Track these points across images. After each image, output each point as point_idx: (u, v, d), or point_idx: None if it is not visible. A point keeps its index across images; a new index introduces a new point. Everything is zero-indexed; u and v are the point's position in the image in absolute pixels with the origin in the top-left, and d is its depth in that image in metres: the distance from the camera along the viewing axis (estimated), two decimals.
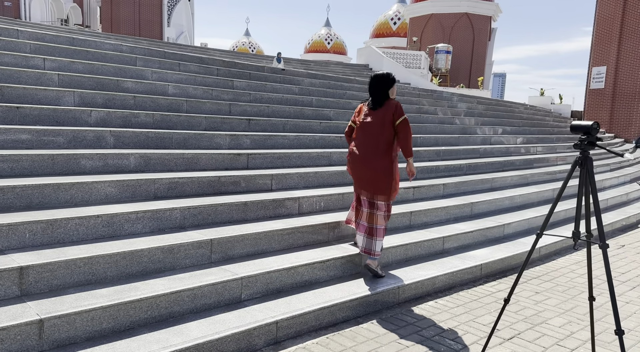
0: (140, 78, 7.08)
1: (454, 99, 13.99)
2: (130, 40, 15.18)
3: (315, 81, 10.71)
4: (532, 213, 6.56)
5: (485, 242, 5.54)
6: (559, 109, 19.78)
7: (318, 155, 6.36)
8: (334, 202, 5.24)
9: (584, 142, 2.64)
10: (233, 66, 9.47)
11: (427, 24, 33.66)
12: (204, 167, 5.18)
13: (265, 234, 4.14)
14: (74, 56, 6.92)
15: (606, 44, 19.17)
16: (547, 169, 9.07)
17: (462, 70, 32.49)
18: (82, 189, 3.91)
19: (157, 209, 3.91)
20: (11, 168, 3.95)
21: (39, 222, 3.29)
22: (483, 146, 9.57)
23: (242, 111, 7.25)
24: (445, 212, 5.79)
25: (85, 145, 4.76)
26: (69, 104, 5.48)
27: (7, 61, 5.93)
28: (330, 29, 56.95)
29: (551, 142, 12.30)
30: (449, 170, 7.50)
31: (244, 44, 59.05)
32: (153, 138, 5.28)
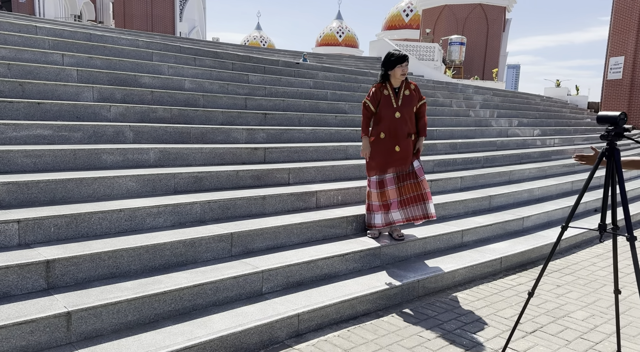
0: (157, 73, 7.12)
1: (469, 91, 13.84)
2: (144, 35, 15.27)
3: (330, 75, 10.67)
4: (552, 206, 6.48)
5: (505, 236, 5.49)
6: (576, 100, 19.46)
7: (334, 149, 6.35)
8: (352, 196, 5.23)
9: (610, 134, 2.59)
10: (248, 60, 9.48)
11: (440, 15, 33.28)
12: (222, 162, 5.21)
13: (284, 227, 4.16)
14: (91, 52, 6.98)
15: (624, 34, 18.78)
16: (565, 162, 8.95)
17: (476, 61, 32.11)
18: (104, 184, 3.95)
19: (177, 203, 3.94)
20: (34, 163, 4.00)
21: (63, 217, 3.34)
22: (500, 138, 9.47)
23: (258, 105, 7.26)
24: (464, 206, 5.75)
25: (106, 140, 4.81)
26: (88, 99, 5.53)
27: (27, 57, 6.00)
28: (341, 22, 56.62)
29: (569, 134, 12.13)
30: (465, 163, 7.44)
31: (255, 38, 59.00)
32: (171, 133, 5.31)
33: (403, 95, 4.29)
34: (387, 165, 4.33)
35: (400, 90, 4.30)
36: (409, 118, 4.30)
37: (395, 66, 4.21)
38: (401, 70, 4.21)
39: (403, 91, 4.30)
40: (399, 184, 4.38)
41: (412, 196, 4.37)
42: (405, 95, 4.29)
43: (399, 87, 4.31)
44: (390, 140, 4.28)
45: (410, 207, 4.39)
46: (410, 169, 4.36)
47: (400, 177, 4.38)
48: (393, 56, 4.22)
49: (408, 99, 4.29)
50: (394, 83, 4.30)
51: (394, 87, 4.31)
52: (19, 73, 5.48)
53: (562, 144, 10.86)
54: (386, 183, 4.39)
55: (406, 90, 4.30)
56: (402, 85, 4.31)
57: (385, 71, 4.30)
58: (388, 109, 4.27)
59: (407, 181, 4.37)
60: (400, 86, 4.31)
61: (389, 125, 4.28)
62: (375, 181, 4.43)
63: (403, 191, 4.39)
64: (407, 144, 4.30)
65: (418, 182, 4.36)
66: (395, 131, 4.27)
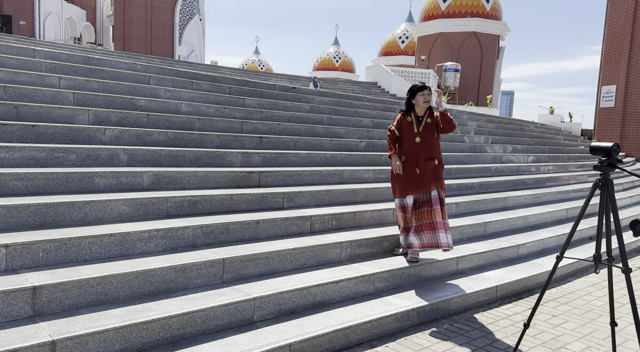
0: (153, 96, 7.15)
1: (464, 117, 13.96)
2: (143, 58, 15.42)
3: (326, 99, 10.76)
4: (546, 233, 6.46)
5: (500, 263, 5.45)
6: (569, 127, 19.68)
7: (329, 173, 6.35)
8: (346, 221, 5.20)
9: (604, 164, 2.60)
10: (245, 84, 9.55)
11: (435, 42, 33.89)
12: (216, 185, 5.18)
13: (277, 253, 4.11)
14: (88, 75, 7.01)
15: (615, 63, 19.13)
16: (559, 188, 8.98)
17: (470, 88, 32.55)
18: (96, 208, 3.91)
19: (169, 228, 3.90)
20: (26, 186, 3.96)
21: (52, 241, 3.29)
22: (494, 165, 9.51)
23: (254, 129, 7.28)
24: (459, 232, 5.72)
25: (99, 163, 4.78)
26: (83, 122, 5.53)
27: (23, 80, 6.01)
28: (338, 48, 57.50)
29: (563, 161, 12.21)
30: (460, 189, 7.44)
31: (253, 61, 59.73)
32: (166, 156, 5.30)
33: (425, 122, 4.59)
34: (407, 186, 4.58)
35: (423, 118, 4.60)
36: (430, 143, 4.55)
37: (416, 94, 4.55)
38: (423, 98, 4.54)
39: (426, 119, 4.59)
40: (417, 210, 4.59)
41: (425, 224, 4.56)
42: (427, 122, 4.59)
43: (422, 116, 4.60)
44: (411, 163, 4.56)
45: (424, 234, 4.56)
46: (427, 197, 4.54)
47: (417, 204, 4.59)
48: (415, 86, 4.61)
49: (429, 126, 4.58)
50: (418, 112, 4.62)
51: (418, 115, 4.62)
52: (15, 95, 5.48)
53: (557, 171, 10.91)
54: (407, 209, 4.63)
55: (429, 119, 4.59)
56: (425, 113, 4.61)
57: (409, 98, 4.63)
58: (409, 134, 4.58)
59: (423, 208, 4.57)
60: (424, 115, 4.61)
61: (409, 149, 4.58)
62: (398, 205, 4.71)
63: (419, 217, 4.59)
64: (427, 166, 4.53)
65: (432, 211, 4.52)
66: (416, 154, 4.54)
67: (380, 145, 8.35)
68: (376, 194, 6.18)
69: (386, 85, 22.84)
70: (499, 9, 34.28)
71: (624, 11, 18.82)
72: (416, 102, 4.57)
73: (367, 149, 8.21)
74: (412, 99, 4.61)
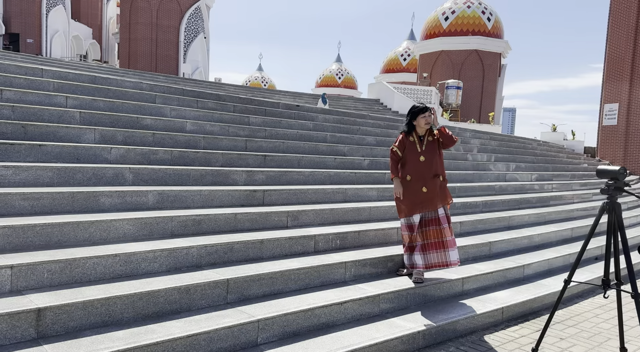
0: (159, 115, 7.20)
1: (467, 135, 14.00)
2: (148, 76, 15.58)
3: (329, 117, 10.82)
4: (552, 253, 6.42)
5: (505, 284, 5.41)
6: (572, 145, 19.69)
7: (333, 191, 6.35)
8: (350, 240, 5.18)
9: (611, 188, 2.60)
10: (249, 103, 9.62)
11: (437, 60, 34.19)
12: (221, 204, 5.18)
13: (282, 273, 4.09)
14: (95, 94, 7.09)
15: (617, 82, 19.23)
16: (563, 207, 8.95)
17: (472, 105, 32.72)
18: (101, 227, 3.91)
19: (174, 248, 3.89)
20: (32, 206, 3.97)
21: (57, 262, 3.28)
22: (498, 183, 9.49)
23: (258, 147, 7.31)
24: (464, 252, 5.68)
25: (105, 182, 4.80)
26: (89, 141, 5.57)
27: (31, 100, 6.08)
28: (341, 65, 58.03)
29: (566, 179, 12.18)
30: (464, 208, 7.42)
31: (256, 78, 60.26)
32: (171, 175, 5.32)
33: (427, 141, 4.65)
34: (414, 206, 4.59)
35: (424, 137, 4.67)
36: (433, 161, 4.61)
37: (418, 116, 4.61)
38: (424, 120, 4.59)
39: (427, 138, 4.66)
40: (423, 229, 4.61)
41: (433, 242, 4.58)
42: (429, 141, 4.65)
43: (423, 135, 4.68)
44: (417, 182, 4.58)
45: (430, 254, 4.57)
46: (434, 214, 4.58)
47: (424, 222, 4.61)
48: (416, 108, 4.65)
49: (431, 144, 4.65)
50: (419, 131, 4.67)
51: (419, 135, 4.68)
52: (23, 115, 5.54)
53: (560, 189, 10.88)
54: (414, 228, 4.63)
55: (429, 137, 4.66)
56: (426, 133, 4.68)
57: (409, 121, 4.67)
58: (413, 154, 4.63)
59: (431, 227, 4.59)
60: (425, 134, 4.68)
61: (414, 168, 4.62)
62: (404, 224, 4.71)
63: (426, 235, 4.61)
64: (434, 184, 4.57)
65: (440, 229, 4.57)
66: (421, 173, 4.58)
67: (384, 163, 8.36)
68: (380, 213, 6.17)
69: (389, 103, 22.96)
70: (500, 28, 34.66)
71: (625, 30, 18.99)
72: (417, 124, 4.64)
73: (370, 167, 8.22)
74: (413, 120, 4.65)
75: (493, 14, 34.30)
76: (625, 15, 19.00)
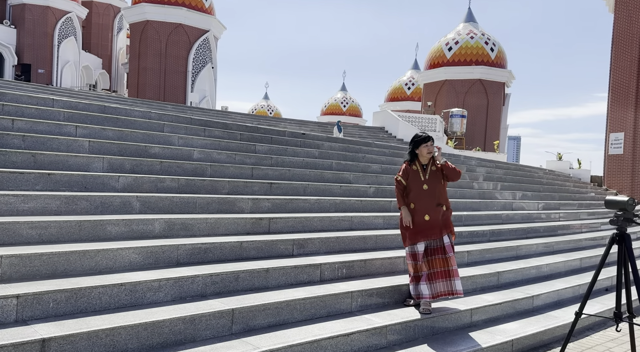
0: (167, 144, 7.29)
1: (472, 163, 14.01)
2: (156, 105, 15.83)
3: (335, 145, 10.89)
4: (561, 284, 6.32)
5: (515, 315, 5.31)
6: (578, 174, 19.63)
7: (339, 219, 6.33)
8: (356, 269, 5.14)
9: (620, 219, 2.58)
10: (255, 131, 9.72)
11: (441, 89, 34.56)
12: (227, 232, 5.18)
13: (287, 303, 4.05)
14: (104, 123, 7.20)
15: (622, 111, 19.29)
16: (571, 237, 8.86)
17: (477, 133, 32.86)
18: (107, 256, 3.91)
19: (179, 277, 3.88)
20: (39, 235, 3.99)
21: (63, 291, 3.27)
22: (505, 212, 9.44)
23: (264, 175, 7.35)
24: (472, 282, 5.61)
25: (112, 210, 4.82)
26: (98, 169, 5.63)
27: (41, 129, 6.17)
28: (346, 93, 58.72)
29: (573, 208, 12.10)
30: (471, 237, 7.36)
31: (262, 107, 60.99)
32: (177, 203, 5.34)
33: (430, 170, 4.69)
34: (418, 234, 4.60)
35: (428, 166, 4.71)
36: (437, 190, 4.65)
37: (420, 145, 4.66)
38: (427, 149, 4.65)
39: (430, 167, 4.70)
40: (429, 258, 4.61)
41: (439, 271, 4.58)
42: (432, 170, 4.70)
43: (426, 164, 4.72)
44: (420, 210, 4.61)
45: (436, 283, 4.56)
46: (440, 243, 4.60)
47: (429, 251, 4.61)
48: (418, 137, 4.71)
49: (435, 174, 4.68)
50: (422, 160, 4.72)
51: (422, 164, 4.72)
52: (33, 144, 5.62)
53: (568, 218, 10.79)
54: (418, 257, 4.62)
55: (433, 166, 4.71)
56: (429, 162, 4.72)
57: (412, 149, 4.73)
58: (416, 182, 4.66)
59: (436, 256, 4.60)
60: (428, 163, 4.72)
61: (417, 197, 4.65)
62: (409, 253, 4.69)
63: (432, 264, 4.60)
64: (437, 212, 4.60)
65: (446, 258, 4.58)
66: (424, 202, 4.61)
67: (389, 191, 8.36)
68: (386, 241, 6.14)
69: (393, 130, 23.13)
70: (503, 58, 35.12)
71: (629, 59, 19.18)
72: (420, 153, 4.70)
73: (376, 194, 8.22)
74: (416, 149, 4.71)
75: (496, 44, 34.82)
76: (629, 44, 19.24)
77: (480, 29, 35.46)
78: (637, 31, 18.83)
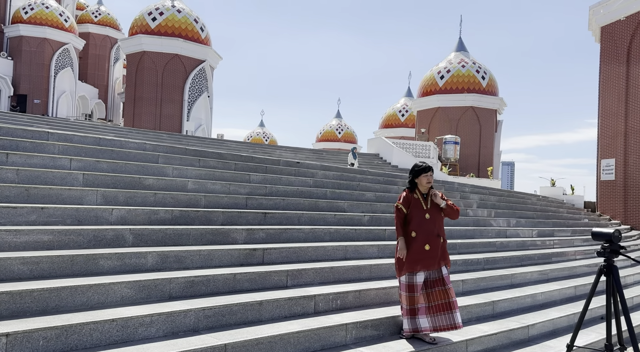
0: (161, 175, 7.32)
1: (466, 190, 14.10)
2: (152, 134, 15.94)
3: (329, 173, 10.95)
4: (556, 313, 6.29)
5: (510, 346, 5.26)
6: (572, 199, 19.75)
7: (333, 248, 6.32)
8: (351, 300, 5.11)
9: (607, 250, 2.62)
10: (250, 160, 9.79)
11: (435, 116, 35.00)
12: (220, 264, 5.16)
13: (281, 337, 4.01)
14: (99, 156, 7.23)
15: (612, 138, 19.59)
16: (566, 264, 8.86)
17: (470, 159, 33.12)
18: (99, 291, 3.88)
19: (171, 312, 3.85)
20: (30, 270, 3.97)
21: (54, 329, 3.24)
22: (499, 239, 9.46)
23: (258, 204, 7.36)
24: (467, 312, 5.58)
25: (105, 244, 4.81)
26: (91, 202, 5.63)
27: (35, 162, 6.19)
28: (340, 120, 59.28)
29: (567, 235, 12.13)
30: (466, 265, 7.35)
31: (258, 134, 61.35)
32: (171, 235, 5.33)
33: (431, 200, 4.73)
34: (416, 262, 4.55)
35: (428, 196, 4.76)
36: (438, 220, 4.69)
37: (420, 175, 4.72)
38: (426, 179, 4.70)
39: (430, 197, 4.74)
40: (428, 290, 4.57)
41: (440, 304, 4.54)
42: (433, 200, 4.72)
43: (426, 194, 4.77)
44: (421, 239, 4.58)
45: (438, 316, 4.51)
46: (439, 274, 4.59)
47: (428, 283, 4.58)
48: (418, 167, 4.76)
49: (435, 204, 4.72)
50: (422, 190, 4.77)
51: (423, 193, 4.76)
52: (27, 178, 5.63)
53: (562, 245, 10.81)
54: (416, 288, 4.55)
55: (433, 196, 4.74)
56: (429, 192, 4.77)
57: (412, 178, 4.78)
58: (419, 211, 4.67)
59: (436, 288, 4.57)
60: (428, 193, 4.77)
61: (420, 226, 4.63)
62: (405, 283, 4.61)
63: (432, 297, 4.56)
64: (437, 243, 4.60)
65: (446, 290, 4.56)
66: (426, 231, 4.61)
67: (384, 219, 8.38)
68: (381, 271, 6.12)
69: (388, 157, 23.30)
70: (495, 85, 35.76)
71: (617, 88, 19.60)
72: (419, 182, 4.74)
73: (370, 223, 8.23)
74: (416, 178, 4.75)
75: (487, 72, 35.50)
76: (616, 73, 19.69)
77: (472, 58, 36.21)
78: (623, 60, 19.31)
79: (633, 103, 18.85)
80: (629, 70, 18.99)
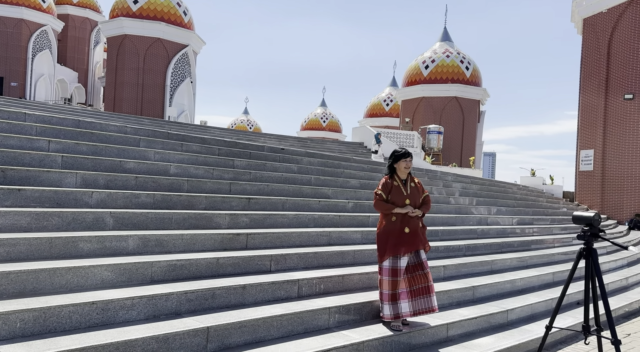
0: (143, 159, 7.20)
1: (448, 178, 14.23)
2: (133, 119, 15.65)
3: (314, 160, 10.93)
4: (534, 298, 6.42)
5: (490, 330, 5.36)
6: (551, 189, 20.12)
7: (317, 234, 6.32)
8: (334, 284, 5.13)
9: (587, 234, 2.66)
10: (234, 146, 9.69)
11: (419, 106, 35.16)
12: (203, 248, 5.11)
13: (264, 320, 4.01)
14: (78, 138, 7.07)
15: (591, 129, 19.95)
16: (545, 252, 9.03)
17: (453, 149, 33.42)
18: (78, 274, 3.82)
19: (153, 295, 3.80)
20: (7, 252, 3.87)
21: (31, 311, 3.18)
22: (480, 227, 9.58)
23: (242, 190, 7.31)
24: (448, 296, 5.66)
25: (85, 227, 4.72)
26: (70, 185, 5.51)
27: (12, 144, 6.02)
28: (325, 109, 59.13)
29: (547, 223, 12.36)
30: (447, 251, 7.44)
31: (242, 121, 60.89)
32: (153, 219, 5.26)
33: (410, 186, 4.83)
34: (399, 245, 4.63)
35: (407, 182, 4.84)
36: (417, 205, 4.79)
37: (399, 160, 4.81)
38: (405, 164, 4.79)
39: (409, 183, 4.84)
40: (409, 274, 4.67)
41: (420, 288, 4.66)
42: (412, 186, 4.85)
43: (405, 180, 4.84)
44: (401, 223, 4.67)
45: (418, 300, 4.63)
46: (418, 259, 4.70)
47: (410, 268, 4.68)
48: (398, 152, 4.86)
49: (414, 190, 4.85)
50: (400, 175, 4.85)
51: (402, 179, 4.83)
52: (3, 159, 5.47)
53: (541, 233, 11.01)
54: (399, 272, 4.62)
55: (412, 183, 4.87)
56: (407, 178, 4.86)
57: (391, 163, 4.86)
58: (399, 196, 4.74)
59: (416, 272, 4.68)
60: (407, 179, 4.86)
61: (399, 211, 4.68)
62: (388, 267, 4.64)
63: (413, 281, 4.67)
64: (416, 225, 4.71)
65: (425, 274, 4.68)
66: (405, 215, 4.68)
67: (368, 206, 8.41)
68: (364, 256, 6.15)
69: (372, 146, 23.32)
70: (478, 76, 36.01)
71: (597, 80, 19.89)
72: (398, 167, 4.82)
73: (354, 209, 8.25)
74: (395, 163, 4.82)
75: (471, 63, 35.70)
76: (596, 65, 19.98)
77: (456, 48, 36.35)
78: (604, 52, 19.59)
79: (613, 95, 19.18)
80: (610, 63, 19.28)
